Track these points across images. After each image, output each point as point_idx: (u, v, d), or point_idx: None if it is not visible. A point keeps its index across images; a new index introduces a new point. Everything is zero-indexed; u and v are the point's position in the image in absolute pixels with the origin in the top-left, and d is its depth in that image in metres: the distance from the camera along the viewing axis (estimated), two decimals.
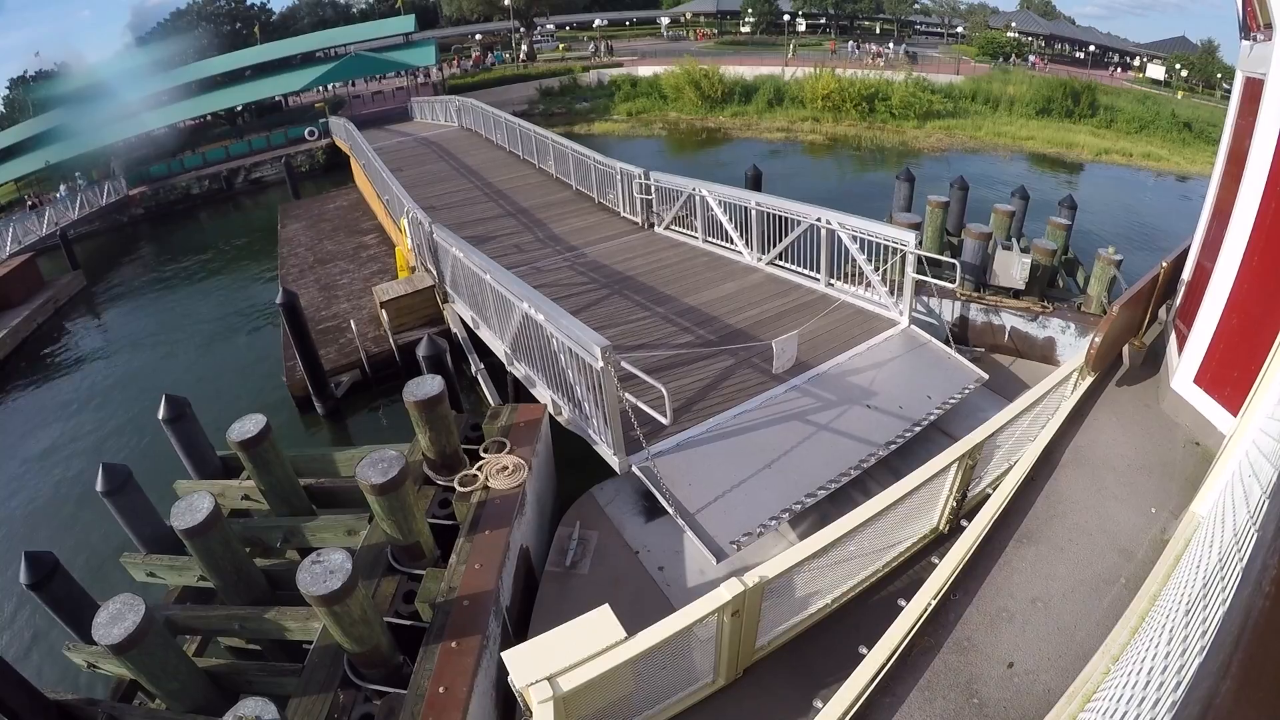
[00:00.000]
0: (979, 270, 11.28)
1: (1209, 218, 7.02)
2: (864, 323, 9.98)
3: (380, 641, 5.29)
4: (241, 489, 7.86)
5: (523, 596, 6.63)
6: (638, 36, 71.06)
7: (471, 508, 6.66)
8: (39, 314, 22.06)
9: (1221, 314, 6.19)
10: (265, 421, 7.03)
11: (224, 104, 42.63)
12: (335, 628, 4.96)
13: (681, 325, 10.42)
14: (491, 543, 6.21)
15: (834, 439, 7.61)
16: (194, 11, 61.08)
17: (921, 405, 8.24)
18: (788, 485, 6.98)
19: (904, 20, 74.33)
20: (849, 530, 4.87)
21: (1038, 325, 10.64)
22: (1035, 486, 5.94)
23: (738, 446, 7.55)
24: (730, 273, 12.16)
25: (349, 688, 5.36)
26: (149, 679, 5.33)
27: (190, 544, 6.09)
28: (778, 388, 8.44)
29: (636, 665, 4.14)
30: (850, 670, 4.31)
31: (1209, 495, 4.84)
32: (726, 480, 7.08)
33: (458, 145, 26.16)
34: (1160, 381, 7.23)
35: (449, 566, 6.03)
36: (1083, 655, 4.30)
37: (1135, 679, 3.08)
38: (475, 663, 5.18)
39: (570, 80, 47.12)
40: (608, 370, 6.58)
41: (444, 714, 4.82)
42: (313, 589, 4.69)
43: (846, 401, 8.21)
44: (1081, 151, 33.96)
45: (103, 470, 7.21)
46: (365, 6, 73.47)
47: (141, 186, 34.46)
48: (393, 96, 44.10)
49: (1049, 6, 73.40)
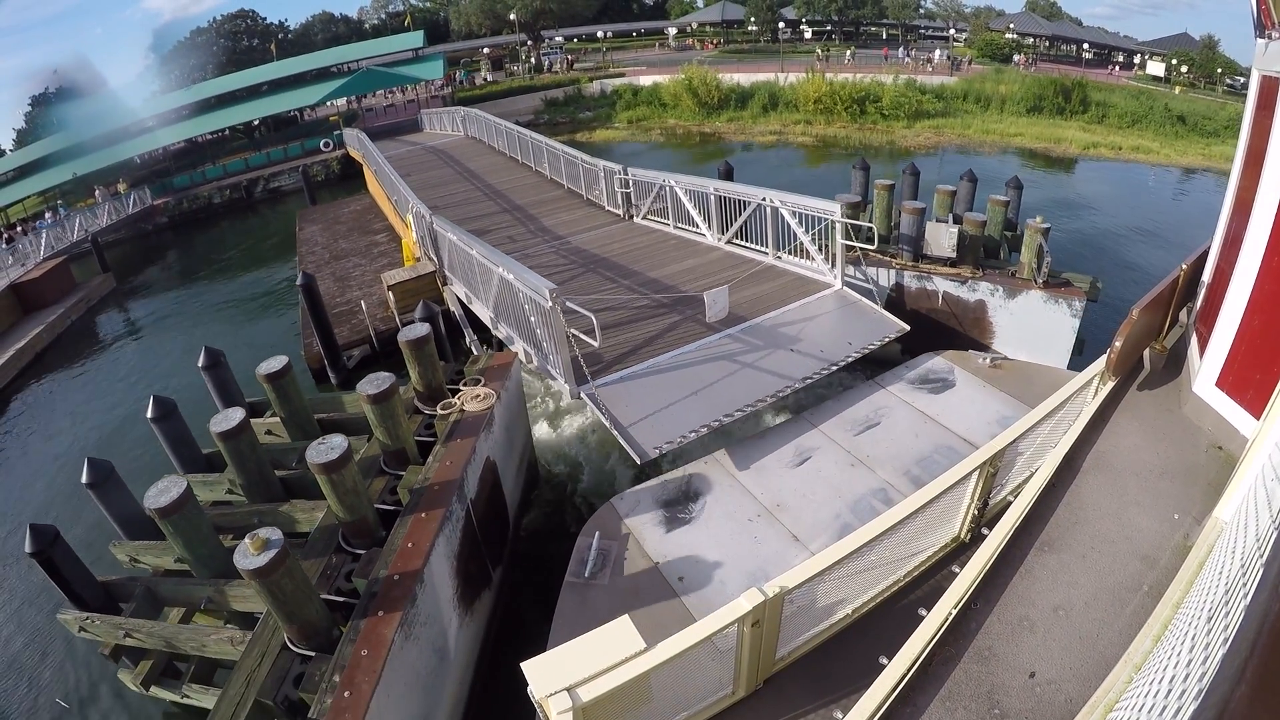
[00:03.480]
0: (915, 242, 12.53)
1: (1228, 217, 6.85)
2: (801, 286, 11.36)
3: (367, 514, 6.74)
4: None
5: (488, 496, 8.05)
6: (645, 47, 72.63)
7: (449, 424, 8.12)
8: (72, 312, 23.87)
9: (1243, 315, 6.04)
10: (287, 360, 8.59)
11: (242, 118, 44.83)
12: (332, 496, 6.40)
13: (642, 293, 11.85)
14: (461, 447, 7.66)
15: (756, 374, 9.00)
16: (213, 29, 63.61)
17: (841, 350, 9.59)
18: (709, 408, 8.39)
19: (908, 25, 75.16)
20: (870, 539, 4.83)
21: (968, 289, 11.94)
22: (1057, 493, 5.88)
23: (671, 379, 8.98)
24: (694, 251, 13.57)
25: (341, 552, 6.81)
26: (183, 543, 6.80)
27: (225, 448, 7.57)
28: (713, 335, 9.86)
29: (656, 676, 4.09)
30: (871, 680, 4.30)
31: (1232, 500, 4.74)
32: (657, 403, 8.50)
33: (462, 152, 27.83)
34: (1182, 385, 7.08)
35: (425, 465, 7.48)
36: (1105, 664, 4.26)
37: (1158, 688, 3.01)
38: (438, 527, 6.64)
39: (575, 91, 48.82)
40: (554, 309, 8.05)
41: (409, 561, 6.26)
42: (316, 459, 6.16)
43: (773, 346, 9.60)
44: (1069, 146, 34.72)
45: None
46: (378, 22, 75.74)
47: (165, 196, 36.45)
48: (404, 109, 46.01)
49: (1054, 8, 73.90)
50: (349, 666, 5.43)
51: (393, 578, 6.07)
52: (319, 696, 5.30)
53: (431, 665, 6.34)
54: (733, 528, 7.40)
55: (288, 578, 5.38)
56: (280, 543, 5.31)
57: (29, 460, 15.16)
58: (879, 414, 9.07)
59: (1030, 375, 9.87)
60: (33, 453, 15.48)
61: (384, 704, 5.38)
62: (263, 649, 6.02)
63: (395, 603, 5.85)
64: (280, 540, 5.38)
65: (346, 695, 5.20)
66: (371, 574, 6.20)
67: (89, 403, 17.55)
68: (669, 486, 8.04)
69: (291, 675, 5.74)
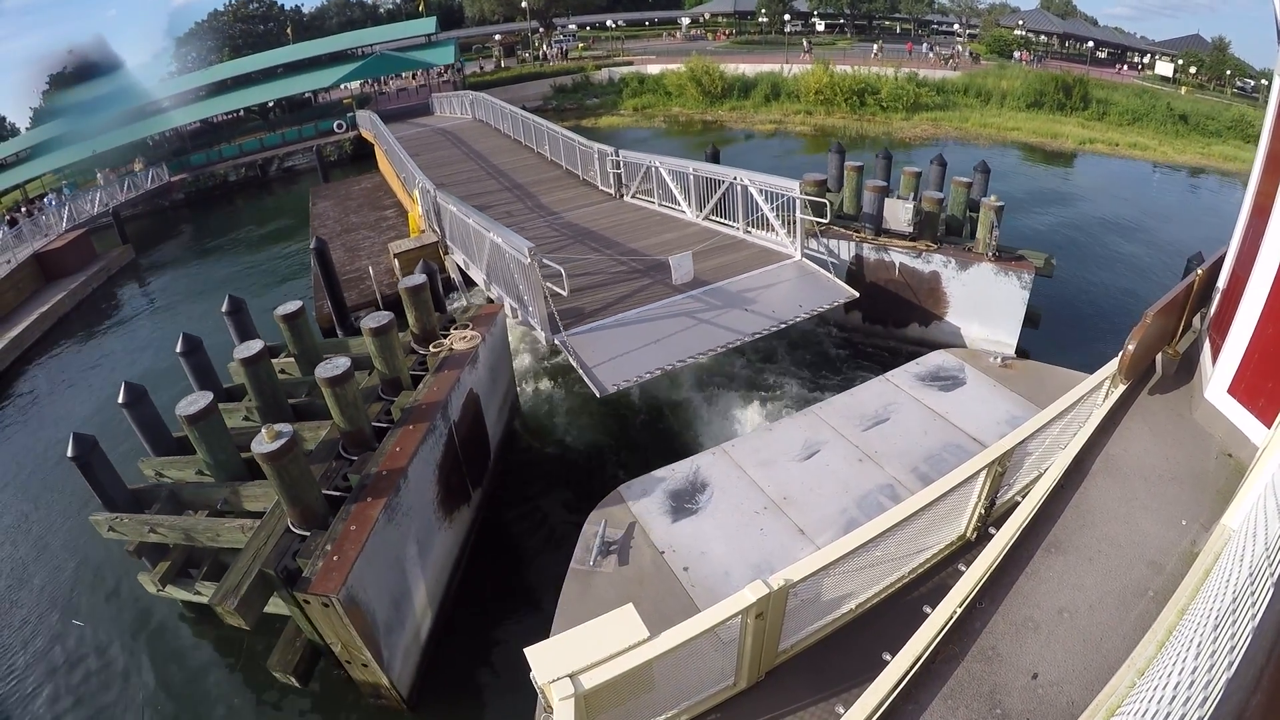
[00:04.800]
0: (875, 218, 13.58)
1: (1245, 224, 6.84)
2: (765, 256, 12.49)
3: (364, 426, 7.98)
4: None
5: (470, 422, 9.25)
6: (657, 36, 73.28)
7: (438, 360, 9.34)
8: (93, 280, 25.26)
9: (1257, 323, 6.01)
10: (301, 304, 9.86)
11: (257, 99, 46.11)
12: (335, 408, 7.62)
13: (621, 261, 13.03)
14: (447, 378, 8.90)
15: (712, 328, 10.17)
16: (230, 13, 64.83)
17: (792, 310, 10.73)
18: (665, 354, 9.59)
19: (921, 20, 75.42)
20: (876, 535, 4.82)
21: (922, 261, 13.02)
22: (1065, 495, 5.89)
23: (635, 331, 10.18)
24: (674, 226, 14.70)
25: (340, 459, 8.04)
26: (206, 448, 8.05)
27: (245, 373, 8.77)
28: (678, 296, 11.03)
29: (658, 665, 4.12)
30: (873, 676, 4.33)
31: (1241, 508, 4.69)
32: (620, 350, 9.70)
33: (469, 134, 28.99)
34: (1193, 391, 7.07)
35: (415, 390, 8.68)
36: (1108, 668, 4.28)
37: (1162, 693, 3.02)
38: (423, 437, 7.89)
39: (583, 78, 49.83)
40: (533, 264, 9.23)
41: (396, 461, 7.52)
42: (324, 374, 7.37)
43: (730, 306, 10.76)
44: (1065, 141, 35.33)
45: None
46: (392, 6, 76.62)
47: (182, 174, 37.72)
48: (416, 93, 47.20)
49: (1069, 6, 73.90)
50: (339, 539, 6.65)
51: (381, 473, 7.31)
52: (312, 561, 6.51)
53: (411, 552, 7.57)
54: (739, 519, 7.51)
55: (294, 464, 6.59)
56: (290, 433, 6.51)
57: (58, 404, 16.54)
58: (888, 410, 9.22)
59: (1041, 376, 9.87)
60: (62, 400, 16.84)
61: (365, 570, 6.59)
62: (269, 532, 7.24)
63: (381, 491, 7.08)
64: (290, 431, 6.58)
65: (335, 559, 6.43)
66: (364, 471, 7.42)
67: (114, 356, 19.01)
68: (676, 477, 8.15)
69: (291, 550, 6.91)
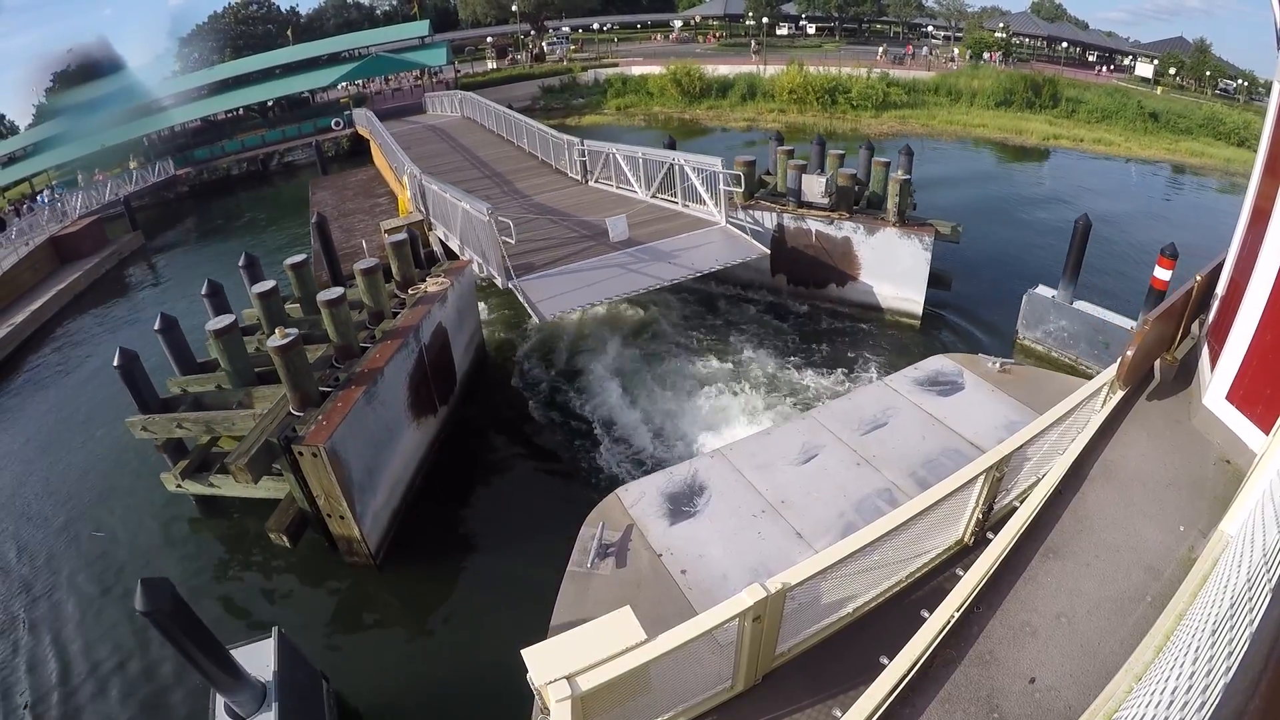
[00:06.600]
0: (796, 192, 15.79)
1: (1244, 231, 6.85)
2: (695, 223, 14.82)
3: (353, 342, 10.25)
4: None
5: (439, 349, 11.51)
6: (649, 39, 75.28)
7: (414, 299, 11.62)
8: (106, 262, 27.53)
9: (1256, 330, 6.03)
10: (306, 255, 12.08)
11: (257, 98, 48.26)
12: (331, 325, 9.85)
13: (575, 230, 15.32)
14: (420, 310, 11.28)
15: (638, 275, 12.54)
16: (230, 14, 66.93)
17: (708, 263, 13.10)
18: (596, 293, 12.00)
19: (910, 23, 76.99)
20: (873, 539, 4.83)
21: (835, 228, 15.32)
22: (1063, 500, 5.90)
23: (574, 277, 12.55)
24: (627, 205, 16.93)
25: (333, 367, 10.26)
26: (227, 357, 10.28)
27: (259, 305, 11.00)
28: (614, 253, 13.36)
29: (656, 668, 4.14)
30: (870, 680, 4.34)
31: (1239, 514, 4.72)
32: (560, 290, 12.06)
33: (457, 130, 31.23)
34: (1192, 397, 7.07)
35: (393, 320, 10.93)
36: (1106, 673, 4.29)
37: (1159, 699, 3.05)
38: (397, 349, 10.22)
39: (570, 79, 52.07)
40: (490, 221, 11.50)
41: (375, 364, 9.85)
42: (323, 297, 9.57)
43: (656, 260, 13.10)
44: (1029, 137, 37.10)
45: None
46: (389, 8, 78.67)
47: (187, 168, 39.90)
48: (410, 93, 49.35)
49: (1059, 10, 75.20)
50: (328, 411, 8.89)
51: (363, 370, 9.64)
52: (305, 427, 8.74)
53: (383, 435, 9.87)
54: (737, 523, 7.51)
55: (298, 356, 8.83)
56: (296, 333, 8.75)
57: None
58: (886, 414, 9.17)
59: (1040, 381, 9.82)
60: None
61: (347, 434, 8.85)
62: (275, 415, 9.44)
63: (363, 380, 9.42)
64: (296, 331, 8.82)
65: (324, 422, 8.70)
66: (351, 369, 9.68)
67: (127, 324, 21.49)
68: (674, 479, 8.16)
69: (292, 425, 9.05)
